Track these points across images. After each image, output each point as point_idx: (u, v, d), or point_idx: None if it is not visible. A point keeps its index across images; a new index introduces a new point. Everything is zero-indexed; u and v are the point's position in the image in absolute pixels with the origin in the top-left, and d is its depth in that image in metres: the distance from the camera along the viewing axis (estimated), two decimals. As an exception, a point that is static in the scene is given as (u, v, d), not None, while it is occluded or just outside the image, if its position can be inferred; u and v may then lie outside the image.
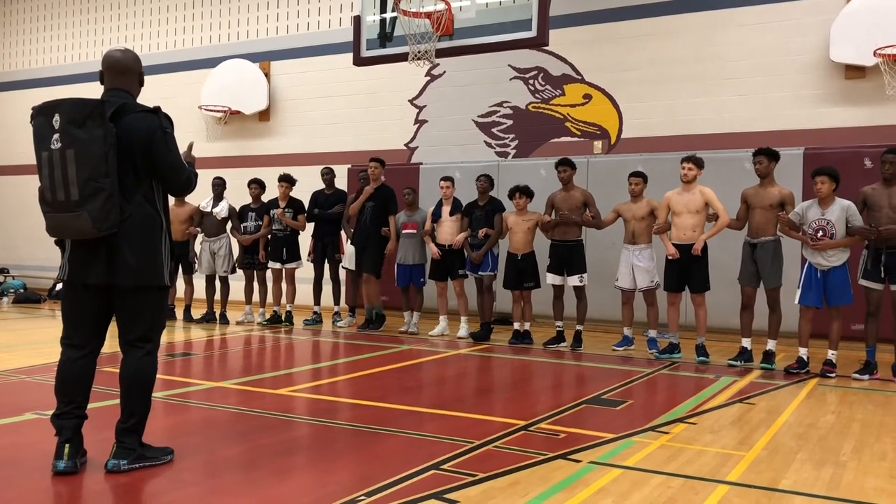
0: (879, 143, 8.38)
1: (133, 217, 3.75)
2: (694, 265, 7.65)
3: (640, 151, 10.09)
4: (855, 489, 3.78)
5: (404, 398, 5.79)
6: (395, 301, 10.10)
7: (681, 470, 4.01)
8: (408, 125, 11.92)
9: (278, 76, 13.03)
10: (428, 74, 11.64)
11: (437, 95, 11.73)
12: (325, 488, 3.62)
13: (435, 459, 4.06)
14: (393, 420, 5.04)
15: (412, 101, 11.89)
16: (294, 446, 4.50)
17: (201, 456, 4.17)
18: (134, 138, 3.73)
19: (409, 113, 11.91)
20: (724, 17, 9.90)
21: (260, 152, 13.00)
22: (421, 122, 11.86)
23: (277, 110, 13.06)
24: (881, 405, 5.87)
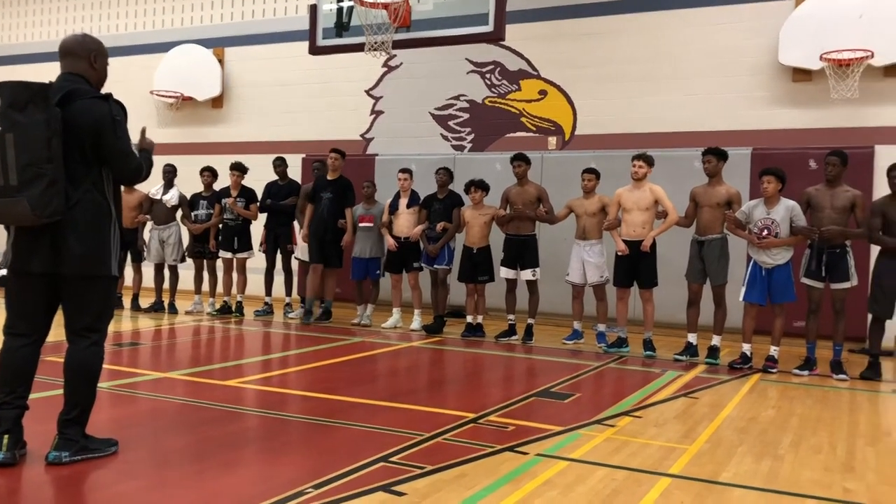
0: (824, 145, 8.61)
1: (80, 204, 3.67)
2: (643, 261, 7.78)
3: (594, 148, 10.20)
4: (791, 481, 3.90)
5: (355, 390, 5.79)
6: (347, 293, 10.06)
7: (625, 462, 4.09)
8: (364, 116, 11.86)
9: (232, 63, 12.84)
10: (385, 65, 11.59)
11: (393, 87, 11.69)
12: (272, 480, 3.60)
13: (384, 452, 4.07)
14: (343, 412, 5.04)
15: (368, 92, 11.83)
16: (242, 438, 4.47)
17: (147, 448, 4.12)
18: (82, 125, 3.65)
19: (365, 103, 11.85)
20: (679, 18, 10.05)
21: (212, 140, 12.81)
22: (377, 112, 11.81)
23: (231, 97, 12.87)
24: (819, 400, 6.05)
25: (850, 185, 7.16)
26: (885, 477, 4.06)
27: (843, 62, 8.74)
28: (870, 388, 6.63)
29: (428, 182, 9.42)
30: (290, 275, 10.31)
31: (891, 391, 6.58)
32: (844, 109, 9.02)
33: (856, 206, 6.98)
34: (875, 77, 8.90)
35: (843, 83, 8.75)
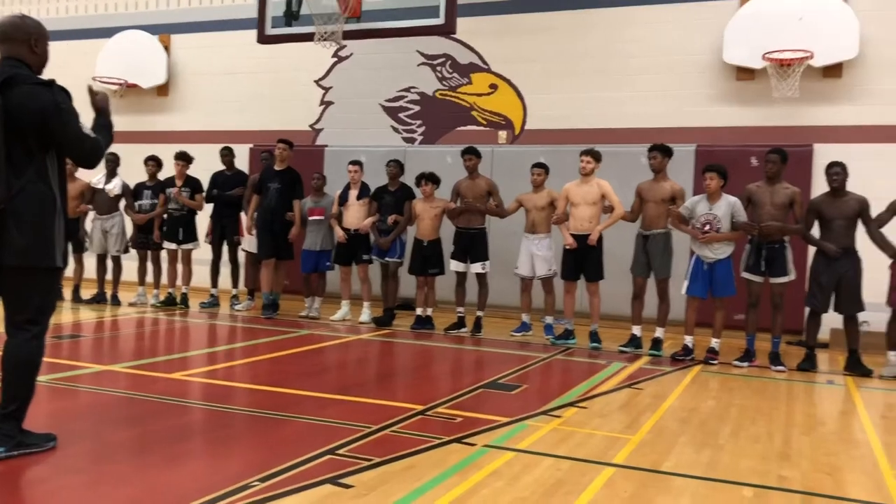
0: (765, 142, 8.82)
1: (23, 194, 3.56)
2: (590, 255, 7.89)
3: (543, 143, 10.29)
4: (730, 470, 4.01)
5: (303, 383, 5.75)
6: (295, 285, 9.97)
7: (571, 453, 4.15)
8: (313, 106, 11.75)
9: (179, 50, 12.58)
10: (335, 55, 11.49)
11: (343, 77, 11.61)
12: (218, 474, 3.57)
13: (331, 444, 4.06)
14: (291, 405, 5.01)
15: (318, 82, 11.72)
16: (187, 432, 4.41)
17: (87, 442, 4.04)
18: (24, 112, 3.54)
19: (314, 94, 11.74)
20: (627, 15, 10.18)
21: (157, 128, 12.54)
22: (327, 103, 11.72)
23: (177, 85, 12.62)
24: (758, 391, 6.23)
25: (789, 182, 7.38)
26: (819, 465, 4.20)
27: (785, 62, 8.98)
28: (806, 379, 6.85)
29: (378, 174, 9.39)
30: (236, 266, 10.17)
31: (825, 382, 6.81)
32: (785, 108, 9.27)
33: (794, 202, 7.19)
34: (815, 77, 9.16)
35: (784, 83, 8.99)
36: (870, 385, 6.71)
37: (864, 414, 5.61)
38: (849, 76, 9.18)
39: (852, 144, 8.91)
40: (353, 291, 9.41)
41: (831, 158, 7.42)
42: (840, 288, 7.05)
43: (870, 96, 9.10)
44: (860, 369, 7.04)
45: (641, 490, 3.60)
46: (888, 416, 5.79)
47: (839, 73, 9.19)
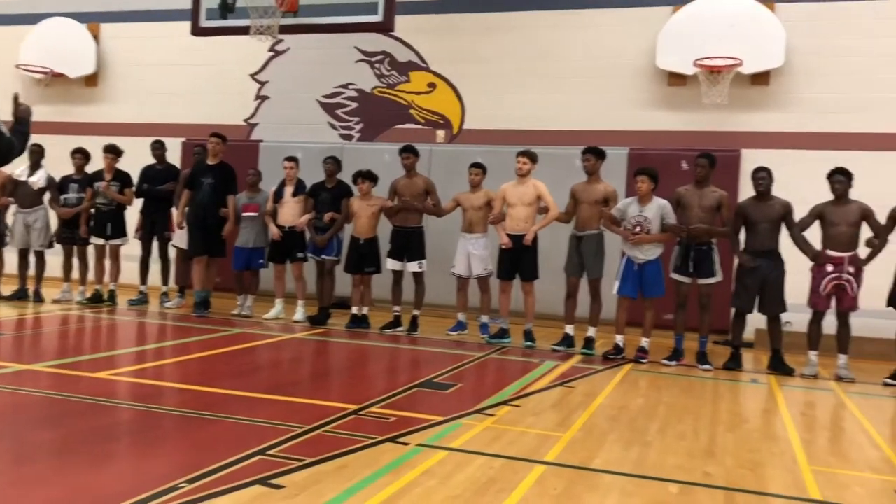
0: (695, 147, 9.03)
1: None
2: (525, 255, 7.98)
3: (481, 143, 10.35)
4: (657, 467, 4.11)
5: (234, 383, 5.65)
6: (228, 283, 9.77)
7: (503, 451, 4.19)
8: (248, 100, 11.56)
9: (109, 40, 12.21)
10: (271, 50, 11.33)
11: (280, 72, 11.45)
12: (142, 475, 3.48)
13: (262, 445, 4.00)
14: (221, 405, 4.92)
15: (254, 76, 11.54)
16: (112, 432, 4.29)
17: (6, 443, 3.89)
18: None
19: (250, 88, 11.55)
20: (565, 18, 10.32)
21: (85, 119, 12.13)
22: (262, 98, 11.54)
23: (106, 76, 12.24)
24: (685, 389, 6.40)
25: (717, 185, 7.59)
26: (742, 461, 4.33)
27: (715, 69, 9.23)
28: (731, 378, 7.06)
29: (314, 171, 9.28)
30: (167, 263, 9.93)
31: (750, 381, 7.03)
32: (715, 114, 9.54)
33: (722, 205, 7.41)
34: (743, 84, 9.45)
35: (714, 89, 9.25)
36: (791, 384, 6.96)
37: (785, 412, 5.81)
38: (776, 84, 9.51)
39: (778, 150, 9.22)
40: (287, 290, 9.29)
41: (758, 163, 7.66)
42: (764, 289, 7.28)
43: (795, 104, 9.44)
44: (783, 368, 7.30)
45: (571, 487, 3.66)
46: (808, 413, 6.02)
47: (766, 81, 9.51)
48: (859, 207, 7.16)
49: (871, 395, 6.65)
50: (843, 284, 7.13)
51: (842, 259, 7.13)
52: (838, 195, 7.18)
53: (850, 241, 7.15)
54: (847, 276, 7.12)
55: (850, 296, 7.14)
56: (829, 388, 6.81)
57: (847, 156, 8.32)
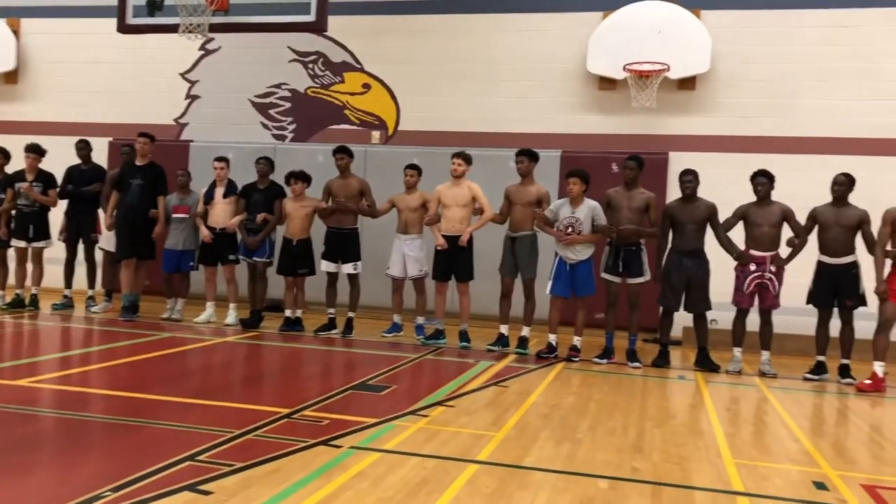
0: (625, 149, 9.21)
1: None
2: (460, 256, 8.02)
3: (417, 144, 10.36)
4: (587, 463, 4.19)
5: (163, 388, 5.53)
6: (157, 286, 9.54)
7: (436, 451, 4.21)
8: (178, 100, 11.32)
9: (31, 35, 11.78)
10: (202, 48, 11.11)
11: (211, 71, 11.25)
12: (65, 485, 3.38)
13: (191, 450, 3.93)
14: (149, 411, 4.80)
15: (184, 75, 11.30)
16: (34, 441, 4.15)
17: (-83, 457, 3.72)
18: None
19: (180, 87, 11.31)
20: (498, 21, 10.42)
21: (4, 118, 11.69)
22: (193, 97, 11.32)
23: (28, 73, 11.82)
24: (615, 386, 6.54)
25: (646, 188, 7.78)
26: (669, 456, 4.45)
27: (643, 73, 9.45)
28: (660, 375, 7.24)
29: (246, 172, 9.15)
30: (92, 266, 9.64)
31: (677, 377, 7.22)
32: (644, 118, 9.77)
33: (650, 207, 7.59)
34: (671, 89, 9.70)
35: (642, 93, 9.46)
36: (717, 380, 7.18)
37: (710, 407, 5.98)
38: (702, 89, 9.79)
39: (704, 153, 9.50)
40: (219, 292, 9.12)
41: (685, 166, 7.89)
42: (690, 288, 7.49)
43: (720, 108, 9.74)
44: (709, 365, 7.52)
45: (503, 486, 3.70)
46: (732, 408, 6.21)
47: (693, 86, 9.79)
48: (780, 208, 7.43)
49: (792, 389, 6.91)
50: (766, 283, 7.39)
51: (764, 258, 7.39)
52: (760, 197, 7.44)
53: (771, 241, 7.42)
54: (769, 274, 7.38)
55: (771, 294, 7.41)
56: (752, 384, 7.05)
57: (769, 159, 8.65)
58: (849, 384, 7.11)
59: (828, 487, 4.01)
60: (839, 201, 7.29)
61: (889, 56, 9.34)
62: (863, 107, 9.35)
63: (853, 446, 5.08)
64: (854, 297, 7.24)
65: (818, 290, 7.36)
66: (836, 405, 6.52)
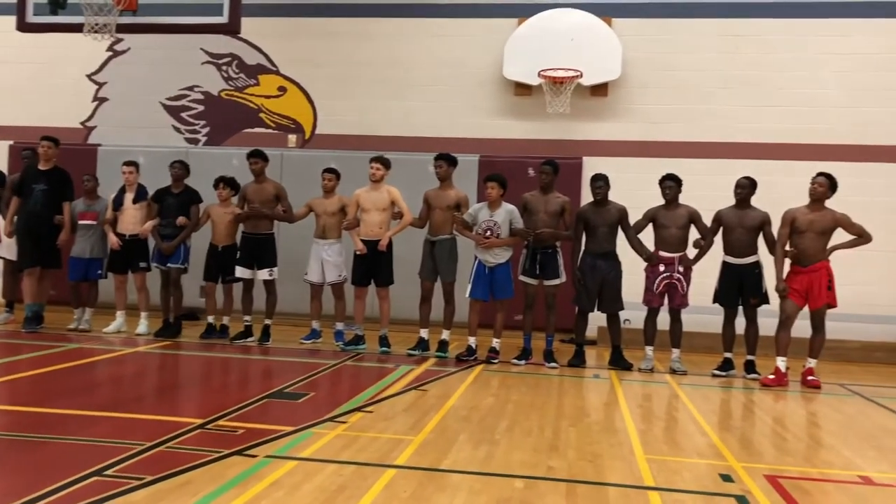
0: (540, 154, 9.39)
1: None
2: (380, 260, 8.00)
3: (334, 148, 10.29)
4: (504, 464, 4.24)
5: (70, 401, 5.32)
6: (63, 296, 9.15)
7: (354, 457, 4.19)
8: (85, 102, 10.93)
9: (-78, 32, 11.17)
10: (110, 49, 10.77)
11: (120, 72, 10.90)
12: (-40, 508, 3.21)
13: (99, 465, 3.79)
14: (54, 426, 4.61)
15: (91, 77, 10.92)
16: (-75, 463, 3.92)
17: None
18: None
19: (86, 88, 10.92)
20: (415, 26, 10.47)
21: None
22: (101, 99, 10.94)
23: (-81, 72, 11.20)
24: (533, 387, 6.64)
25: (561, 192, 7.93)
26: (583, 454, 4.55)
27: (557, 80, 9.65)
28: (576, 374, 7.40)
29: (157, 176, 8.91)
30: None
31: (592, 376, 7.39)
32: (558, 123, 9.97)
33: (565, 210, 7.75)
34: (584, 95, 9.94)
35: (557, 99, 9.67)
36: (630, 378, 7.38)
37: (624, 405, 6.15)
38: (613, 95, 10.07)
39: (617, 158, 9.79)
40: (130, 301, 8.83)
41: (598, 171, 8.08)
42: (603, 289, 7.68)
43: (631, 114, 10.04)
44: (622, 364, 7.72)
45: (420, 489, 3.71)
46: (644, 405, 6.40)
47: (605, 93, 10.06)
48: (688, 211, 7.71)
49: (701, 385, 7.16)
50: (675, 283, 7.65)
51: (673, 259, 7.65)
52: (668, 200, 7.70)
53: (679, 242, 7.68)
54: (678, 275, 7.64)
55: (680, 293, 7.67)
56: (664, 381, 7.28)
57: (677, 163, 8.98)
58: (754, 379, 7.43)
59: (733, 479, 4.17)
60: (742, 204, 7.60)
61: (787, 65, 9.82)
62: (763, 113, 9.80)
63: (757, 439, 5.30)
64: (757, 295, 7.56)
65: (724, 289, 7.65)
66: (742, 400, 6.80)
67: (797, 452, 4.93)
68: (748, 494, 3.90)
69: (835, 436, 5.48)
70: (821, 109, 9.73)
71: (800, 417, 6.20)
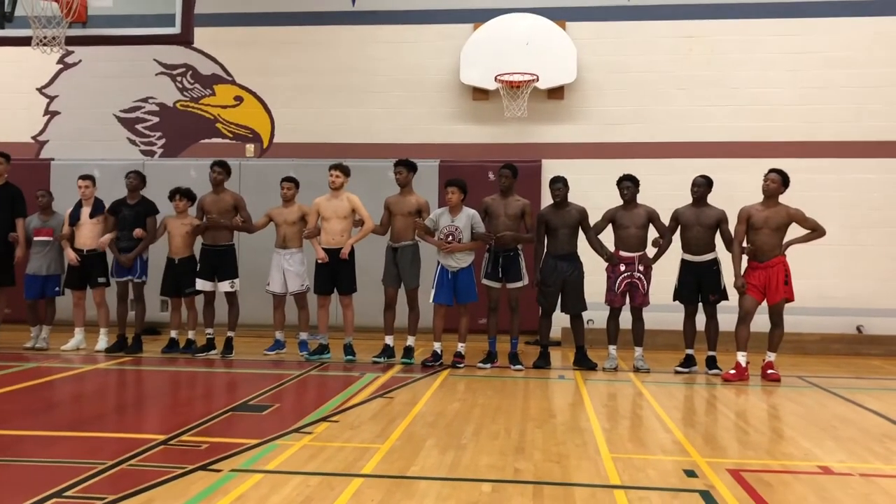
0: (500, 158, 9.43)
1: None
2: (342, 268, 7.96)
3: (293, 157, 10.23)
4: (471, 468, 4.24)
5: (27, 422, 5.21)
6: (18, 314, 8.93)
7: (320, 468, 4.16)
8: (36, 116, 10.72)
9: None
10: (60, 62, 10.58)
11: (71, 85, 10.71)
12: (-87, 537, 3.12)
13: (58, 486, 3.71)
14: (10, 447, 4.51)
15: (41, 90, 10.71)
16: None
17: None
18: None
19: (37, 102, 10.71)
20: (371, 33, 10.45)
21: None
22: (52, 113, 10.74)
23: None
24: (499, 390, 6.66)
25: (521, 195, 7.98)
26: (550, 455, 4.57)
27: (514, 84, 9.71)
28: (541, 376, 7.44)
29: (113, 189, 8.78)
30: (-56, 296, 8.94)
31: (557, 377, 7.44)
32: (516, 127, 10.04)
33: (525, 213, 7.80)
34: (541, 99, 10.01)
35: (514, 103, 9.72)
36: (595, 377, 7.44)
37: (589, 404, 6.19)
38: (569, 98, 10.16)
39: (575, 160, 9.87)
40: (88, 317, 8.66)
41: (557, 173, 8.13)
42: (565, 290, 7.74)
43: (587, 116, 10.14)
44: (586, 363, 7.79)
45: (388, 497, 3.70)
46: (609, 405, 6.44)
47: (561, 96, 10.14)
48: (646, 211, 7.80)
49: (664, 382, 7.25)
50: (635, 282, 7.74)
51: (633, 259, 7.74)
52: (627, 200, 7.79)
53: (639, 242, 7.77)
54: (638, 274, 7.73)
55: (641, 292, 7.76)
56: (628, 380, 7.35)
57: (634, 164, 9.11)
58: (715, 374, 7.54)
59: (697, 474, 4.23)
60: (699, 202, 7.72)
61: (739, 65, 10.01)
62: (717, 112, 9.98)
63: (720, 434, 5.38)
64: (716, 292, 7.67)
65: (683, 286, 7.76)
66: (704, 395, 6.90)
67: (759, 445, 5.02)
68: (712, 489, 3.95)
69: (794, 428, 5.58)
70: (772, 107, 9.93)
71: (761, 411, 6.31)
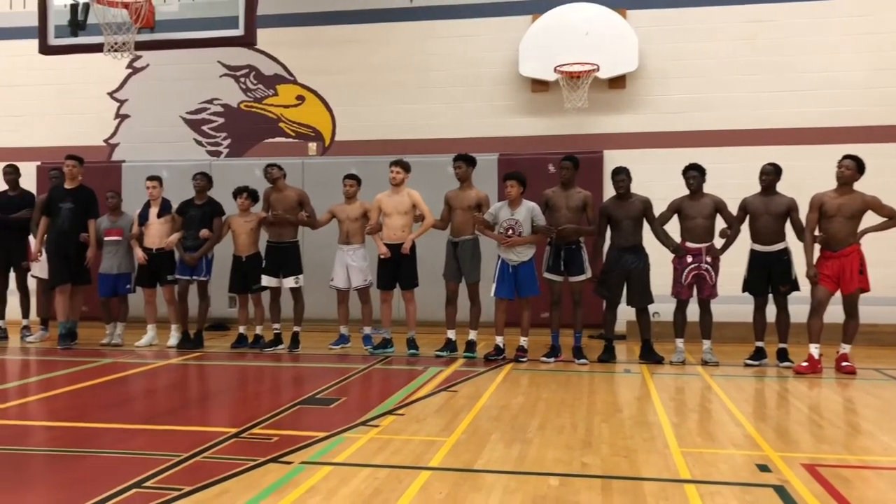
0: (560, 150, 9.36)
1: None
2: (404, 263, 8.02)
3: (354, 154, 10.35)
4: (538, 462, 4.23)
5: (106, 415, 5.40)
6: (94, 312, 9.29)
7: (388, 461, 4.20)
8: (107, 120, 11.08)
9: (-53, 60, 11.39)
10: (129, 67, 10.91)
11: (140, 89, 11.04)
12: (5, 524, 3.27)
13: (138, 477, 3.84)
14: (92, 440, 4.69)
15: (112, 95, 11.07)
16: (-31, 481, 4.00)
17: None
18: None
19: (108, 107, 11.07)
20: (427, 29, 10.48)
21: (-76, 145, 11.28)
22: (122, 116, 11.09)
23: (-54, 98, 11.42)
24: (563, 384, 6.62)
25: (582, 186, 7.90)
26: (617, 449, 4.53)
27: (574, 74, 9.61)
28: (606, 370, 7.36)
29: (181, 190, 9.01)
30: (26, 295, 9.35)
31: (623, 371, 7.35)
32: (577, 118, 9.93)
33: (587, 205, 7.71)
34: (601, 89, 9.88)
35: (574, 94, 9.62)
36: (661, 371, 7.33)
37: (656, 398, 6.10)
38: (631, 87, 10.01)
39: (637, 150, 9.72)
40: (160, 314, 8.94)
41: (619, 164, 8.03)
42: (630, 283, 7.63)
43: (649, 105, 9.97)
44: (653, 357, 7.67)
45: (455, 490, 3.72)
46: (677, 398, 6.35)
47: (623, 85, 10.00)
48: (713, 200, 7.63)
49: (734, 376, 7.09)
50: (703, 274, 7.58)
51: (700, 250, 7.58)
52: (693, 190, 7.63)
53: (706, 232, 7.61)
54: (706, 265, 7.57)
55: (709, 284, 7.60)
56: (696, 373, 7.22)
57: (699, 152, 8.91)
58: (787, 367, 7.35)
59: (770, 469, 4.13)
60: (767, 190, 7.52)
61: (808, 48, 9.69)
62: (785, 98, 9.69)
63: (793, 427, 5.24)
64: (787, 282, 7.47)
65: (752, 277, 7.57)
66: (776, 388, 6.72)
67: (834, 440, 4.87)
68: (786, 484, 3.86)
69: (872, 422, 5.40)
70: (843, 91, 9.60)
71: (835, 404, 6.12)
